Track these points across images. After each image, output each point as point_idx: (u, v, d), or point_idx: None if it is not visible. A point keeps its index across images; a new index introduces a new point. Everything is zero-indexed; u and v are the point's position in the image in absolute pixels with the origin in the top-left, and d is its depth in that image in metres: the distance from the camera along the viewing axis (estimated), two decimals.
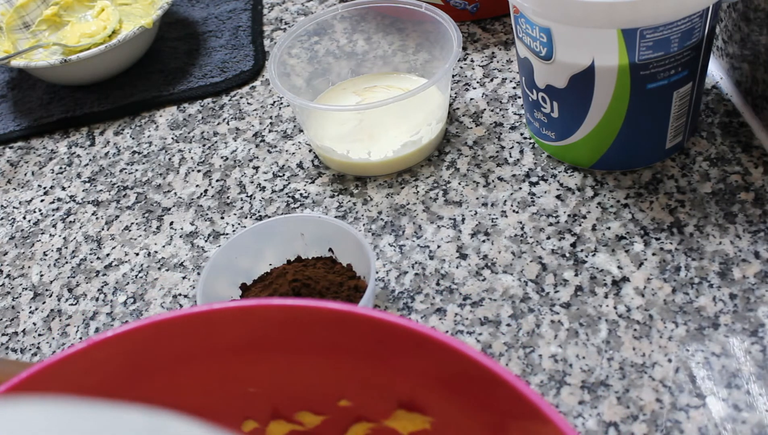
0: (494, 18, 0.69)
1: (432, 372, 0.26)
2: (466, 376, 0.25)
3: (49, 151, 0.67)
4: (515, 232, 0.51)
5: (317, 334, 0.27)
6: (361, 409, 0.30)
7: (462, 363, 0.24)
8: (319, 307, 0.26)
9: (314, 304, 0.26)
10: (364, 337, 0.26)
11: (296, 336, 0.27)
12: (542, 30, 0.47)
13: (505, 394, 0.23)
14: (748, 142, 0.53)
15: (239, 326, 0.27)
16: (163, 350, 0.28)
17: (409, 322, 0.25)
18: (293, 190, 0.57)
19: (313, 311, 0.26)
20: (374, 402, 0.29)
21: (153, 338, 0.27)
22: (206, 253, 0.54)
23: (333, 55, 0.63)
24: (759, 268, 0.46)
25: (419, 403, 0.28)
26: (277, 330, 0.27)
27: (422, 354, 0.25)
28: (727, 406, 0.40)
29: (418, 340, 0.25)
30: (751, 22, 0.51)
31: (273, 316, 0.27)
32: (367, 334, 0.26)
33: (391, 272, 0.50)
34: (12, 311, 0.54)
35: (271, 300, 0.27)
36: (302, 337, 0.27)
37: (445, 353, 0.25)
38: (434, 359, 0.25)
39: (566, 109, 0.50)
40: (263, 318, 0.27)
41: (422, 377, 0.27)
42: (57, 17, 0.75)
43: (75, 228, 0.59)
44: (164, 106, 0.68)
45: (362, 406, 0.30)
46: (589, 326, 0.45)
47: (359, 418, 0.30)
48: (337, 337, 0.27)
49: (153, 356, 0.28)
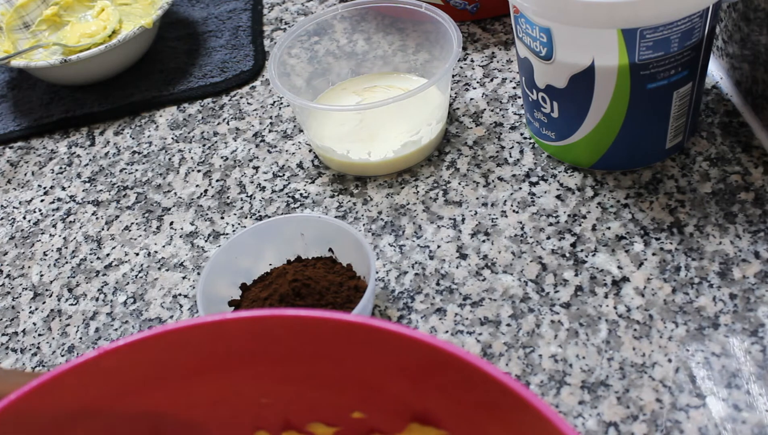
0: (494, 18, 0.69)
1: (447, 385, 0.26)
2: (481, 391, 0.24)
3: (49, 151, 0.67)
4: (515, 232, 0.51)
5: (330, 345, 0.27)
6: (375, 422, 0.30)
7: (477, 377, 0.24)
8: (333, 318, 0.26)
9: (328, 315, 0.26)
10: (378, 349, 0.26)
11: (309, 347, 0.27)
12: (542, 30, 0.47)
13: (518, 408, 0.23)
14: (748, 142, 0.53)
15: (251, 336, 0.27)
16: (174, 360, 0.27)
17: (425, 336, 0.25)
18: (293, 190, 0.57)
19: (327, 323, 0.26)
20: (388, 414, 0.29)
21: (164, 348, 0.27)
22: (206, 253, 0.54)
23: (333, 55, 0.63)
24: (759, 268, 0.46)
25: (433, 416, 0.28)
26: (289, 340, 0.27)
27: (437, 368, 0.25)
28: (727, 406, 0.40)
29: (433, 354, 0.25)
30: (751, 22, 0.51)
31: (286, 326, 0.27)
32: (380, 346, 0.26)
33: (391, 272, 0.50)
34: (12, 311, 0.54)
35: (284, 310, 0.26)
36: (315, 348, 0.27)
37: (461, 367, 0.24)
38: (450, 373, 0.25)
39: (566, 109, 0.50)
40: (276, 328, 0.27)
41: (437, 390, 0.26)
42: (57, 17, 0.75)
43: (75, 228, 0.59)
44: (164, 106, 0.68)
45: (375, 419, 0.29)
46: (589, 326, 0.45)
47: (372, 431, 0.30)
48: (351, 349, 0.27)
49: (164, 366, 0.27)
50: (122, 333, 0.51)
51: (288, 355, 0.27)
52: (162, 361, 0.27)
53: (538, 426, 0.22)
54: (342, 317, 0.26)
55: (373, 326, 0.25)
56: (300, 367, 0.28)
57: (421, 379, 0.26)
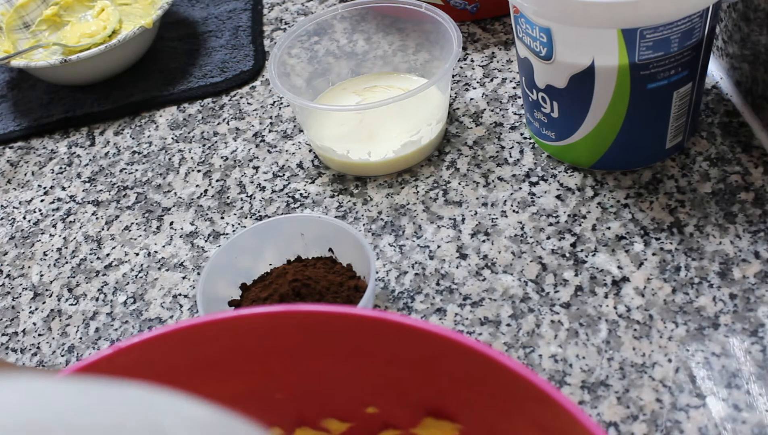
0: (494, 18, 0.69)
1: (461, 378, 0.25)
2: (496, 382, 0.24)
3: (49, 151, 0.67)
4: (515, 232, 0.51)
5: (344, 340, 0.27)
6: (389, 417, 0.29)
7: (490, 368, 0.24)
8: (345, 313, 0.26)
9: (340, 309, 0.26)
10: (391, 343, 0.26)
11: (323, 342, 0.27)
12: (542, 30, 0.47)
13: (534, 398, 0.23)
14: (748, 142, 0.53)
15: (264, 332, 0.27)
16: (189, 356, 0.27)
17: (438, 328, 0.24)
18: (293, 190, 0.57)
19: (340, 317, 0.26)
20: (402, 409, 0.29)
21: (178, 344, 0.27)
22: (206, 253, 0.54)
23: (333, 55, 0.63)
24: (759, 268, 0.46)
25: (448, 410, 0.27)
26: (303, 336, 0.27)
27: (451, 359, 0.25)
28: (727, 406, 0.40)
29: (446, 346, 0.25)
30: (751, 22, 0.51)
31: (299, 322, 0.26)
32: (394, 340, 0.26)
33: (391, 272, 0.50)
34: (12, 311, 0.54)
35: (296, 306, 0.26)
36: (329, 343, 0.27)
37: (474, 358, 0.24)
38: (463, 365, 0.25)
39: (566, 109, 0.50)
40: (288, 324, 0.27)
41: (451, 383, 0.26)
42: (57, 17, 0.75)
43: (75, 228, 0.59)
44: (164, 106, 0.68)
45: (389, 414, 0.29)
46: (589, 326, 0.45)
47: (386, 426, 0.30)
48: (364, 344, 0.26)
49: (178, 362, 0.27)
50: (122, 333, 0.51)
51: (301, 351, 0.27)
52: (176, 358, 0.27)
53: (555, 418, 0.22)
54: (353, 311, 0.26)
55: (384, 320, 0.25)
56: (313, 362, 0.28)
57: (434, 371, 0.26)
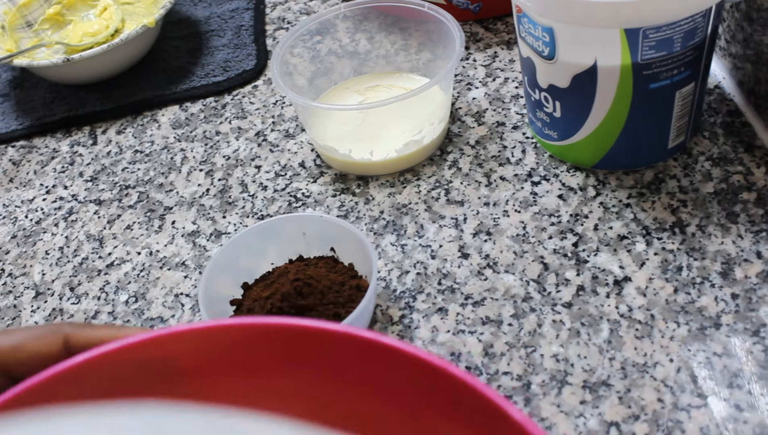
0: (497, 17, 0.69)
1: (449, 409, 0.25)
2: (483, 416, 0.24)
3: (51, 150, 0.67)
4: (517, 232, 0.51)
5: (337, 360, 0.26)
6: None
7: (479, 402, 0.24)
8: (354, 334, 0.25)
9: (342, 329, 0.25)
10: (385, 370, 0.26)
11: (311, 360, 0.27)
12: (545, 29, 0.47)
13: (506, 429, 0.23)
14: (751, 142, 0.52)
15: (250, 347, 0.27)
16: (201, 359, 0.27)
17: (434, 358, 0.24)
18: (295, 189, 0.57)
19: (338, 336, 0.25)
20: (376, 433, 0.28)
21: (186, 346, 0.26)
22: (208, 253, 0.55)
23: (335, 55, 0.63)
24: (761, 268, 0.45)
25: None
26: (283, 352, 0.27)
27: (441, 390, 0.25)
28: (728, 406, 0.40)
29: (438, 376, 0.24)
30: (754, 22, 0.51)
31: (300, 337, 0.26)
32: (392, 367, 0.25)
33: (392, 272, 0.50)
34: (14, 310, 0.54)
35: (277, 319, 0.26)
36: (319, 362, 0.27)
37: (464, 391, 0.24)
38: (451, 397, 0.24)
39: (568, 108, 0.50)
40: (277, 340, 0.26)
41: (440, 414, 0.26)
42: (60, 16, 0.75)
43: (77, 227, 0.59)
44: (166, 105, 0.69)
45: None
46: (591, 326, 0.45)
47: None
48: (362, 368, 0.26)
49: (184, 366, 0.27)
50: None
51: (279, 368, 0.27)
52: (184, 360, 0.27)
53: None
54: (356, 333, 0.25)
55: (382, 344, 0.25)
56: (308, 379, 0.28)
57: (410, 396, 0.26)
